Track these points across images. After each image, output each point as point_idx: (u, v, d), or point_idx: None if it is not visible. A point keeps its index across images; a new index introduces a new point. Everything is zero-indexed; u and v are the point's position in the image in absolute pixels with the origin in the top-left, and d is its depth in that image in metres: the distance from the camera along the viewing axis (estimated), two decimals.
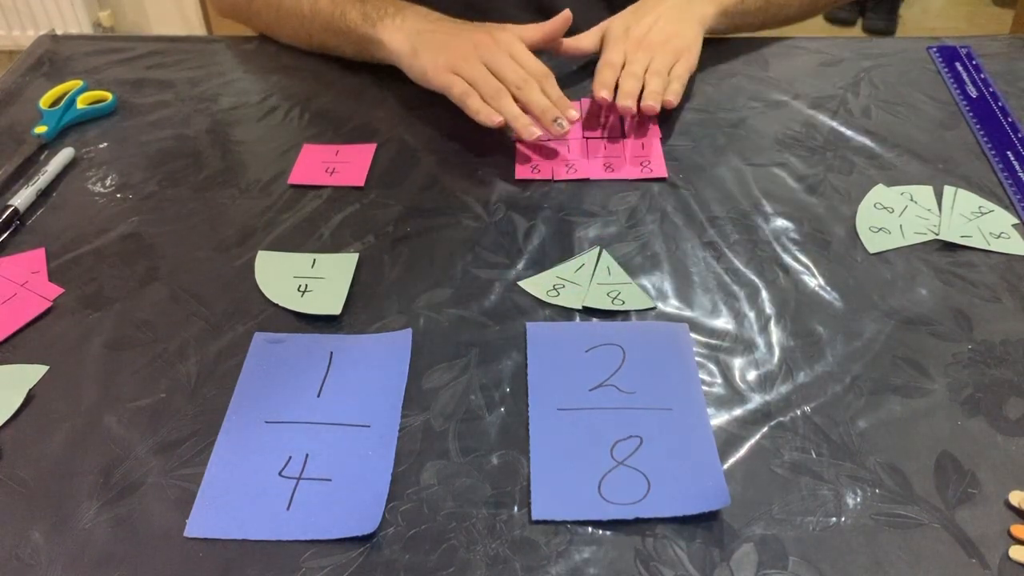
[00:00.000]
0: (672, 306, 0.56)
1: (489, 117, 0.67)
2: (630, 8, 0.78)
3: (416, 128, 0.74)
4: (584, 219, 0.63)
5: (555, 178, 0.68)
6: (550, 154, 0.70)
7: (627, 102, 0.69)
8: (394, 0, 0.77)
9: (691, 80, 0.77)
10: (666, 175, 0.67)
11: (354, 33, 0.76)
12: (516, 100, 0.68)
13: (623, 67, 0.72)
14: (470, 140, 0.72)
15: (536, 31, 0.74)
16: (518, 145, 0.71)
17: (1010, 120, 0.73)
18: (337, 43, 0.79)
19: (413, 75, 0.73)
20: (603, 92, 0.70)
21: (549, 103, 0.68)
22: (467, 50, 0.70)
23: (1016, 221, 0.63)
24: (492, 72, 0.69)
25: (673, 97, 0.70)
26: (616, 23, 0.77)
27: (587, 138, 0.72)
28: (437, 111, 0.75)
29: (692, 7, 0.76)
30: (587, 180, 0.67)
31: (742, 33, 0.83)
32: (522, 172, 0.68)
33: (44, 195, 0.67)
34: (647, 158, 0.69)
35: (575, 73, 0.81)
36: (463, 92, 0.68)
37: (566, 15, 0.74)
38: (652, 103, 0.69)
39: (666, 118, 0.73)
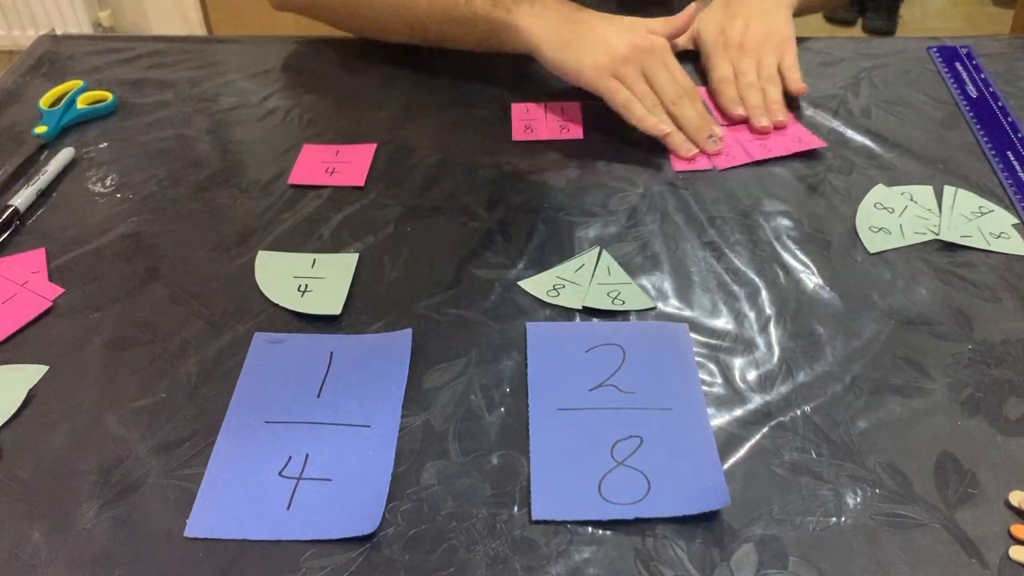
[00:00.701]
0: (672, 306, 0.56)
1: (656, 127, 0.69)
2: (716, 5, 0.79)
3: (416, 128, 0.74)
4: (584, 219, 0.63)
5: (716, 168, 0.69)
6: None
7: (763, 121, 0.71)
8: None
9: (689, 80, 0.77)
10: (824, 143, 0.70)
11: (483, 20, 0.73)
12: (669, 115, 0.70)
13: (735, 77, 0.74)
14: (470, 140, 0.72)
15: (664, 26, 0.74)
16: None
17: (1010, 120, 0.73)
18: (460, 33, 0.76)
19: (561, 68, 0.71)
20: (738, 110, 0.72)
21: (701, 120, 0.70)
22: (626, 54, 0.69)
23: (1016, 221, 0.63)
24: (650, 82, 0.70)
25: (799, 86, 0.73)
26: (709, 26, 0.78)
27: (727, 126, 0.73)
28: (437, 111, 0.75)
29: None
30: (734, 167, 0.69)
31: (813, 13, 0.87)
32: (679, 164, 0.69)
33: (44, 195, 0.67)
34: (795, 133, 0.72)
35: None
36: (627, 99, 0.69)
37: (692, 11, 0.75)
38: (782, 117, 0.72)
39: None
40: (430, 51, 0.82)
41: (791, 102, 0.74)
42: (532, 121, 0.74)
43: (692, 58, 0.81)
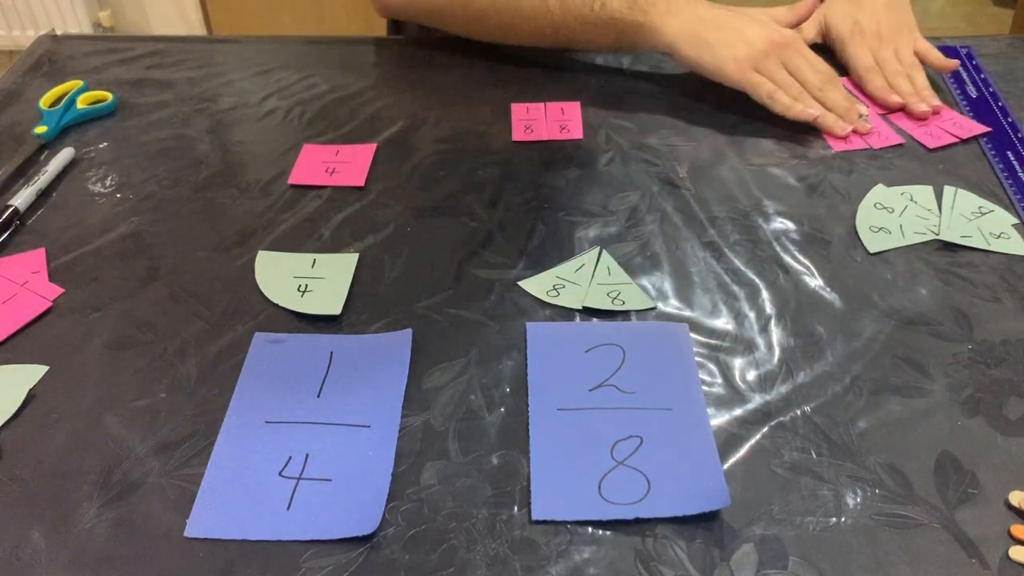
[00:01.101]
0: (672, 306, 0.56)
1: (804, 112, 0.71)
2: None
3: (416, 128, 0.74)
4: (584, 219, 0.63)
5: (872, 147, 0.71)
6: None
7: (922, 106, 0.73)
8: None
9: (690, 80, 0.77)
10: (987, 128, 0.72)
11: (619, 22, 0.74)
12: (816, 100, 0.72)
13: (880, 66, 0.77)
14: (470, 140, 0.72)
15: (789, 15, 0.78)
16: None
17: (1010, 120, 0.73)
18: (593, 36, 0.77)
19: (701, 66, 0.73)
20: (894, 98, 0.74)
21: (848, 102, 0.72)
22: (765, 48, 0.72)
23: (1016, 221, 0.63)
24: (790, 72, 0.72)
25: (948, 63, 0.77)
26: (839, 18, 0.80)
27: (883, 115, 0.75)
28: (437, 111, 0.75)
29: None
30: (847, 151, 0.71)
31: None
32: (837, 144, 0.71)
33: (44, 195, 0.67)
34: (952, 119, 0.74)
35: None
36: (772, 91, 0.71)
37: (812, 1, 0.78)
38: (937, 102, 0.74)
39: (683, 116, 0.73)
40: (430, 52, 0.82)
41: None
42: (532, 121, 0.74)
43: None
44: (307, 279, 0.58)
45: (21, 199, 0.64)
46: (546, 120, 0.74)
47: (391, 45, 0.87)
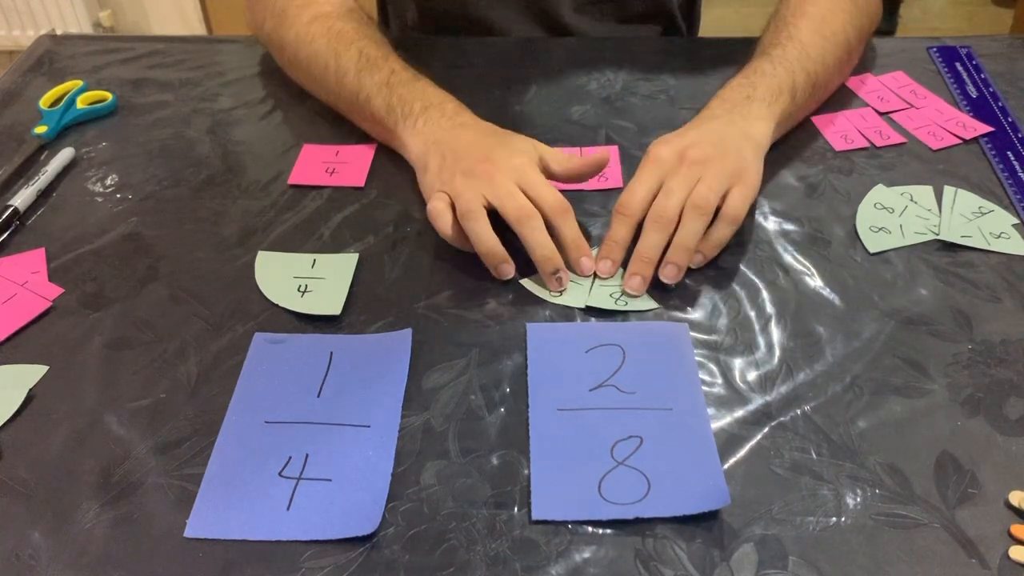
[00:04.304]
0: (672, 306, 0.56)
1: (446, 233, 0.58)
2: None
3: None
4: (584, 219, 0.63)
5: (876, 144, 0.70)
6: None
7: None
8: (424, 90, 0.67)
9: (690, 80, 0.77)
10: (990, 128, 0.71)
11: (379, 124, 0.68)
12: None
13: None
14: None
15: (558, 165, 0.61)
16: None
17: (1010, 120, 0.73)
18: (367, 128, 0.71)
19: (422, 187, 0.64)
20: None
21: (551, 247, 0.57)
22: (469, 166, 0.59)
23: (1016, 221, 0.63)
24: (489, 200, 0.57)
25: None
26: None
27: (884, 114, 0.74)
28: None
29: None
30: (847, 151, 0.70)
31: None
32: (838, 144, 0.70)
33: (44, 195, 0.67)
34: (954, 119, 0.73)
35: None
36: (434, 211, 0.58)
37: (605, 158, 0.61)
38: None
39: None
40: (430, 52, 0.82)
41: (844, 96, 0.76)
42: None
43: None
44: (307, 279, 0.58)
45: (21, 199, 0.64)
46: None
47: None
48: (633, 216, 0.58)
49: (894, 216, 0.63)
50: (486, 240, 0.57)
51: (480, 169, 0.58)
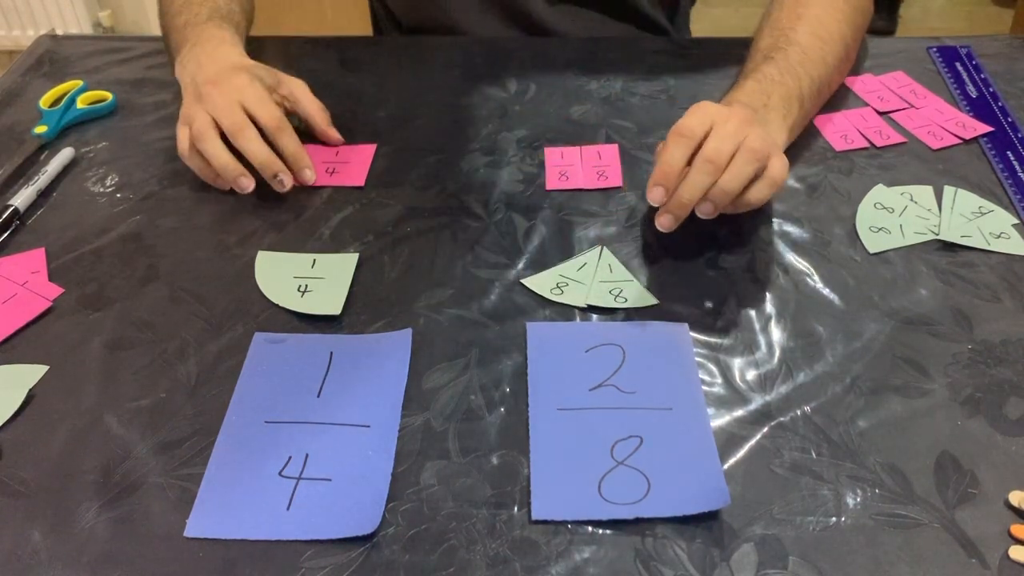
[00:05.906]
0: (673, 305, 0.56)
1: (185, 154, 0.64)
2: None
3: (416, 128, 0.74)
4: (584, 219, 0.63)
5: (876, 144, 0.70)
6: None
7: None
8: (203, 30, 0.70)
9: (689, 80, 0.77)
10: (990, 127, 0.71)
11: (175, 50, 0.72)
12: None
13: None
14: (470, 140, 0.72)
15: (305, 97, 0.69)
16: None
17: (1010, 120, 0.73)
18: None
19: None
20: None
21: (265, 153, 0.63)
22: (200, 91, 0.65)
23: (1016, 221, 0.63)
24: (215, 117, 0.63)
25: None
26: None
27: (884, 113, 0.74)
28: (437, 111, 0.75)
29: None
30: (847, 151, 0.70)
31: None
32: (838, 144, 0.71)
33: (44, 195, 0.67)
34: (954, 118, 0.73)
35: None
36: (178, 140, 0.65)
37: (334, 137, 0.70)
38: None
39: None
40: (430, 52, 0.82)
41: (843, 96, 0.75)
42: (567, 168, 0.68)
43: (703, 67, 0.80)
44: (307, 279, 0.58)
45: (21, 199, 0.64)
46: (582, 166, 0.68)
47: (391, 45, 0.87)
48: (693, 139, 0.54)
49: (894, 216, 0.63)
50: (219, 156, 0.63)
51: (205, 91, 0.64)
